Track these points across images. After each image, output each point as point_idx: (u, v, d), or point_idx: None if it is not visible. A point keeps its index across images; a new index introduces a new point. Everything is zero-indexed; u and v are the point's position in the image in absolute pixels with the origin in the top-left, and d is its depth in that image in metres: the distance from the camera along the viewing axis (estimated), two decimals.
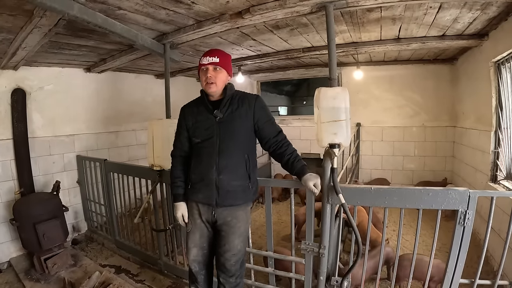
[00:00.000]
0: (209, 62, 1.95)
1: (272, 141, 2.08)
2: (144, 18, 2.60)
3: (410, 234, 4.09)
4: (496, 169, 3.45)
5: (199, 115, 2.07)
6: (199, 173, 2.05)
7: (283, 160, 2.09)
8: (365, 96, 5.91)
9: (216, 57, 1.97)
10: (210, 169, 2.00)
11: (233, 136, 2.02)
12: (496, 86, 3.41)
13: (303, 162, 2.07)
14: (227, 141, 2.01)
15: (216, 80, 1.96)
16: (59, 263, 3.34)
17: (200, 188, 2.05)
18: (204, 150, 2.03)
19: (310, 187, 2.01)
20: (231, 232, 2.06)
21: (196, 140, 2.07)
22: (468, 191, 1.82)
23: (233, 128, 2.02)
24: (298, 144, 6.61)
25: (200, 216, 2.10)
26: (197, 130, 2.06)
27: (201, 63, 1.98)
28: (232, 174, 2.02)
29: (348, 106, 1.95)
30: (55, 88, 4.14)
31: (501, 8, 2.66)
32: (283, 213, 5.21)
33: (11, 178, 3.65)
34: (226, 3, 2.38)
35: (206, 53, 1.99)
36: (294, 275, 2.46)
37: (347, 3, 2.29)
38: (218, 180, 1.99)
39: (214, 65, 1.96)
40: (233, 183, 2.02)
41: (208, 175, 2.00)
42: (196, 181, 2.06)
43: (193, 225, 2.12)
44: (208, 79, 1.95)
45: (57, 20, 2.25)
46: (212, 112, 2.02)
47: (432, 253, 2.04)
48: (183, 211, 2.13)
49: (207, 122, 2.04)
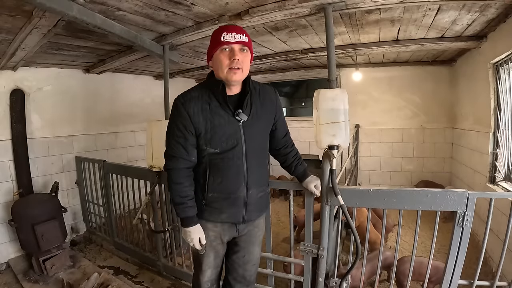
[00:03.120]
0: (236, 40, 1.48)
1: (282, 141, 1.91)
2: (143, 19, 2.61)
3: (409, 235, 4.09)
4: (495, 170, 3.46)
5: (215, 116, 1.57)
6: (222, 191, 1.66)
7: (287, 162, 1.96)
8: (364, 97, 5.92)
9: (245, 35, 1.52)
10: (239, 185, 1.66)
11: (259, 142, 1.73)
12: (495, 87, 3.42)
13: (305, 164, 2.02)
14: (253, 149, 1.67)
15: (243, 66, 1.53)
16: (58, 264, 3.33)
17: (222, 207, 1.68)
18: (228, 162, 1.62)
19: (312, 189, 2.01)
20: (251, 242, 1.85)
21: (211, 150, 1.61)
22: (466, 192, 1.83)
23: (259, 133, 1.72)
24: (297, 145, 6.44)
25: (219, 237, 1.76)
26: (215, 137, 1.59)
27: (224, 40, 1.47)
28: (260, 185, 1.76)
29: (347, 107, 1.95)
30: (54, 89, 4.14)
31: (500, 10, 2.67)
32: (282, 214, 5.21)
33: (9, 179, 3.64)
34: (225, 4, 2.38)
35: (227, 28, 1.50)
36: (293, 277, 2.46)
37: (346, 5, 2.30)
38: (248, 196, 1.69)
39: (242, 45, 1.51)
40: (260, 194, 1.77)
41: (237, 192, 1.67)
42: (217, 200, 1.67)
43: (207, 247, 1.75)
44: (235, 63, 1.49)
45: (56, 21, 2.25)
46: (232, 112, 1.59)
47: (431, 254, 2.05)
48: (200, 234, 1.69)
49: (229, 128, 1.59)
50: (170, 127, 1.64)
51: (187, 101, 1.57)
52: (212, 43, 1.55)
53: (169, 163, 1.64)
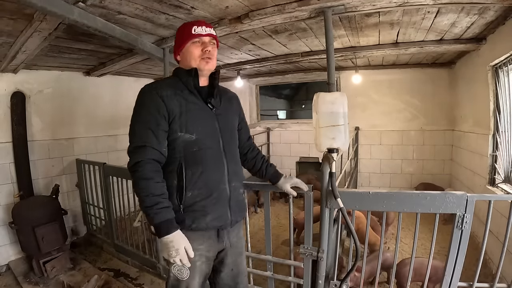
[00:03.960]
0: (207, 33, 1.53)
1: (247, 145, 1.91)
2: (143, 22, 2.62)
3: (409, 238, 4.08)
4: (494, 172, 3.46)
5: (188, 101, 1.50)
6: (204, 186, 1.48)
7: (257, 165, 1.93)
8: (364, 100, 5.92)
9: (213, 29, 1.58)
10: (222, 176, 1.54)
11: (232, 135, 1.69)
12: (494, 89, 3.43)
13: (275, 166, 2.02)
14: (228, 140, 1.61)
15: (213, 56, 1.57)
16: (58, 267, 3.34)
17: (206, 207, 1.48)
18: (206, 151, 1.49)
19: (288, 191, 1.98)
20: (238, 253, 1.73)
21: (187, 137, 1.45)
22: (465, 195, 1.83)
23: (231, 125, 1.69)
24: (297, 148, 6.67)
25: (204, 256, 1.54)
26: (191, 122, 1.47)
27: (195, 33, 1.51)
28: (239, 180, 1.67)
29: (346, 111, 1.95)
30: (54, 92, 4.16)
31: (499, 13, 2.68)
32: (282, 216, 5.20)
33: (10, 181, 3.65)
34: (225, 8, 2.39)
35: (197, 22, 1.55)
36: (292, 279, 2.46)
37: (346, 8, 2.32)
38: (231, 191, 1.57)
39: (212, 38, 1.57)
40: (241, 190, 1.69)
41: (220, 185, 1.53)
42: (198, 199, 1.47)
43: (191, 271, 1.48)
44: (207, 54, 1.53)
45: (57, 24, 2.27)
46: (204, 100, 1.56)
47: (431, 256, 2.05)
48: (185, 242, 1.38)
49: (204, 113, 1.54)
50: (137, 115, 1.45)
51: (157, 86, 1.49)
52: (182, 37, 1.55)
53: (136, 156, 1.38)
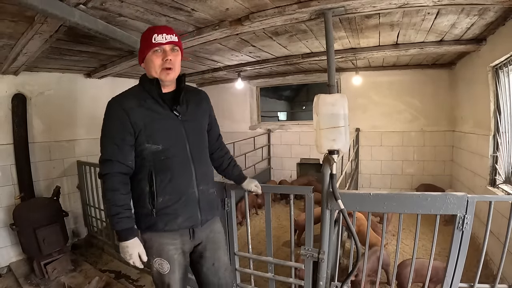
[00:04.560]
0: (167, 41, 1.52)
1: (216, 144, 1.95)
2: (144, 24, 2.62)
3: (410, 239, 4.08)
4: (495, 173, 3.46)
5: (153, 111, 1.56)
6: (173, 191, 1.59)
7: (224, 165, 2.01)
8: (364, 101, 5.92)
9: (175, 35, 1.56)
10: (190, 181, 1.64)
11: (200, 139, 1.74)
12: (494, 90, 3.43)
13: (240, 167, 2.13)
14: (196, 145, 1.68)
15: (175, 65, 1.58)
16: (59, 268, 3.34)
17: (177, 211, 1.60)
18: (173, 159, 1.58)
19: (253, 189, 2.14)
20: (216, 248, 1.82)
21: (153, 147, 1.55)
22: (466, 196, 1.83)
23: (199, 129, 1.74)
24: (298, 149, 6.67)
25: (180, 249, 1.67)
26: (156, 133, 1.55)
27: (155, 42, 1.51)
28: (208, 182, 1.74)
29: (346, 112, 1.96)
30: (55, 94, 4.17)
31: (499, 13, 2.68)
32: (283, 218, 5.20)
33: (11, 183, 3.66)
34: (225, 10, 2.40)
35: (157, 29, 1.54)
36: (293, 281, 2.46)
37: (346, 10, 2.32)
38: (199, 192, 1.67)
39: (173, 45, 1.56)
40: (210, 190, 1.76)
41: (188, 189, 1.63)
42: (169, 204, 1.58)
43: (170, 264, 1.63)
44: (167, 63, 1.54)
45: (58, 27, 2.27)
46: (169, 108, 1.60)
47: (431, 257, 2.05)
48: (139, 248, 1.57)
49: (169, 123, 1.60)
50: (104, 129, 1.55)
51: (122, 99, 1.54)
52: (143, 45, 1.57)
53: (103, 168, 1.52)
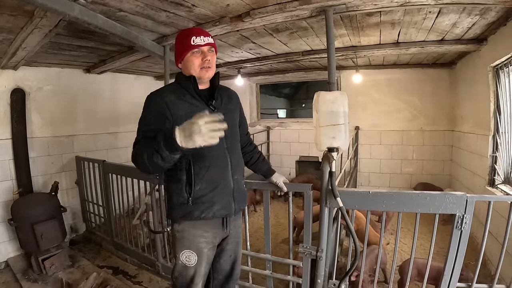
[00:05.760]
0: (205, 43, 1.64)
1: (245, 138, 2.03)
2: (144, 20, 2.61)
3: (408, 238, 4.09)
4: (494, 173, 3.46)
5: (191, 105, 1.65)
6: (210, 180, 1.66)
7: (254, 159, 2.07)
8: (364, 99, 5.92)
9: (210, 37, 1.68)
10: (226, 170, 1.71)
11: (234, 131, 1.82)
12: (495, 90, 3.43)
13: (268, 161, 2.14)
14: (231, 135, 1.74)
15: (212, 64, 1.70)
16: (57, 264, 3.34)
17: (213, 198, 1.66)
18: (210, 149, 1.48)
19: (281, 185, 2.14)
20: (238, 242, 1.91)
21: None
22: (465, 195, 1.83)
23: (232, 122, 1.79)
24: (297, 147, 6.66)
25: (211, 242, 1.73)
26: None
27: (194, 44, 1.62)
28: (241, 171, 1.84)
29: (346, 110, 1.95)
30: (54, 89, 4.15)
31: (500, 13, 2.67)
32: (282, 215, 5.21)
33: (9, 178, 3.65)
34: (226, 6, 2.39)
35: (195, 32, 1.66)
36: (292, 278, 2.46)
37: (347, 8, 2.31)
38: (234, 183, 1.74)
39: (210, 47, 1.68)
40: (243, 181, 1.85)
41: (225, 178, 1.71)
42: (206, 192, 1.65)
43: (198, 257, 1.69)
44: (207, 63, 1.66)
45: (57, 21, 2.26)
46: (205, 104, 1.69)
47: (430, 256, 2.05)
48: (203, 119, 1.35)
49: None
50: (143, 119, 1.69)
51: (162, 93, 1.69)
52: (182, 48, 1.69)
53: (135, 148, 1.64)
